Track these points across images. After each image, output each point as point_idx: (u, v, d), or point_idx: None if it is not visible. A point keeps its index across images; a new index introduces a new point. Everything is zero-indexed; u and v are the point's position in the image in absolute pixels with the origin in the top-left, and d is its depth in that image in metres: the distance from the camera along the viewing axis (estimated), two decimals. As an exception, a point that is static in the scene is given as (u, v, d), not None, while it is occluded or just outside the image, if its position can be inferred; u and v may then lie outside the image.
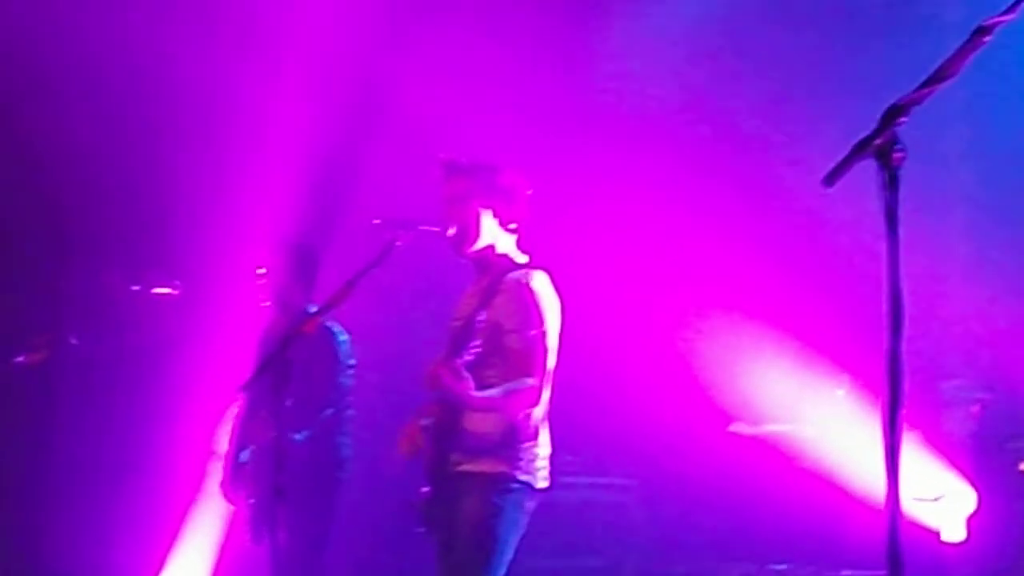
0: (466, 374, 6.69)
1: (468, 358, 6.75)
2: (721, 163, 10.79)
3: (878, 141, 4.03)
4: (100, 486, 9.95)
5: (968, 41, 4.22)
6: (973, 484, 9.02)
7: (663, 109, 10.94)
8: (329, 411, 8.84)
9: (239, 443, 8.78)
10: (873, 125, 4.04)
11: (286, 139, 10.20)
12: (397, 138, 10.78)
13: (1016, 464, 8.74)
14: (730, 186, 10.59)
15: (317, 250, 9.17)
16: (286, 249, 9.00)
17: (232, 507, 8.88)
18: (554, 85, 10.91)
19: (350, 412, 9.03)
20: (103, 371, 10.68)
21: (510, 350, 6.83)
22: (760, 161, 10.42)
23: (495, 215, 7.11)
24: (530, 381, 6.82)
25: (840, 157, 4.02)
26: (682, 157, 10.79)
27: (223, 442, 8.97)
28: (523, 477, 6.91)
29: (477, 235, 7.10)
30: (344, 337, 8.95)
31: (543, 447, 7.03)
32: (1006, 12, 4.27)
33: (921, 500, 9.11)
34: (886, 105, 4.04)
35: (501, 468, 6.90)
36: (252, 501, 8.68)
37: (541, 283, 6.96)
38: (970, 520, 8.95)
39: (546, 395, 6.97)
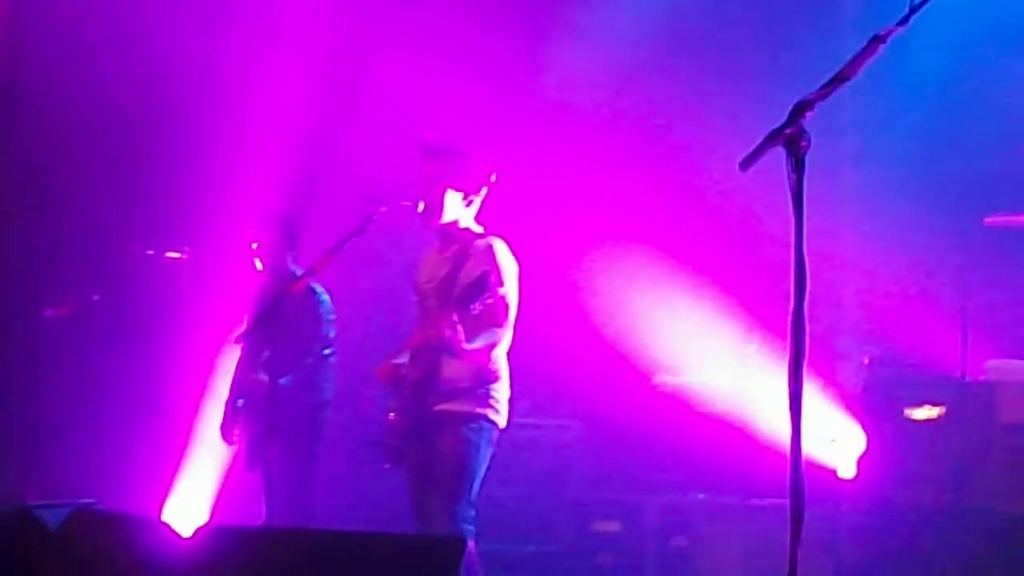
0: (460, 327, 6.77)
1: (475, 312, 6.78)
2: (652, 153, 10.79)
3: (788, 131, 4.13)
4: (117, 422, 9.89)
5: (865, 48, 4.31)
6: (863, 428, 9.08)
7: (600, 105, 10.93)
8: (310, 360, 8.85)
9: (236, 388, 8.87)
10: (783, 118, 4.07)
11: (275, 123, 10.16)
12: (371, 120, 10.67)
13: (900, 410, 8.78)
14: (660, 172, 10.64)
15: (300, 221, 9.17)
16: (275, 222, 9.07)
17: (229, 444, 8.88)
18: (510, 84, 10.87)
19: (332, 360, 9.05)
20: (121, 324, 10.55)
21: (478, 299, 6.80)
22: (684, 150, 10.43)
23: (460, 193, 7.20)
24: (499, 332, 7.00)
25: (754, 145, 4.12)
26: (619, 146, 10.81)
27: (222, 387, 9.00)
28: (492, 416, 7.10)
29: (443, 211, 7.18)
30: (325, 296, 9.03)
31: (505, 391, 7.16)
32: (899, 24, 4.36)
33: (819, 440, 9.17)
34: (794, 100, 4.08)
35: (474, 408, 7.03)
36: (247, 436, 8.70)
37: (502, 249, 7.15)
38: (860, 459, 9.00)
39: (507, 344, 7.09)
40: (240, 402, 8.80)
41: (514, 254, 7.22)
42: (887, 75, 8.49)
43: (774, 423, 8.37)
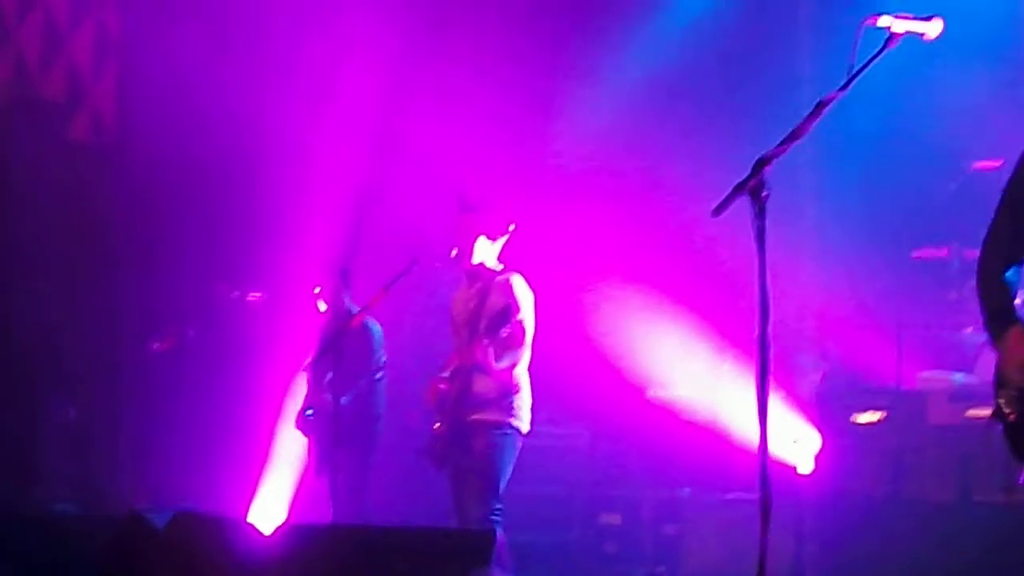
0: (490, 351, 6.87)
1: (503, 336, 6.87)
2: (641, 204, 10.73)
3: (751, 183, 4.14)
4: (209, 438, 9.90)
5: (812, 111, 4.33)
6: (818, 430, 9.05)
7: (598, 166, 10.90)
8: (365, 381, 8.81)
9: (306, 404, 8.85)
10: (747, 170, 4.10)
11: (333, 188, 10.16)
12: (412, 184, 10.59)
13: (848, 416, 8.76)
14: (648, 221, 10.55)
15: (354, 268, 9.15)
16: (334, 270, 9.05)
17: (303, 445, 8.90)
18: (524, 147, 10.87)
19: (382, 381, 9.01)
20: (212, 354, 10.62)
21: (504, 330, 6.94)
22: (667, 202, 10.39)
23: (487, 239, 7.23)
24: (519, 352, 7.04)
25: (724, 195, 4.14)
26: (614, 199, 10.76)
27: (296, 403, 8.99)
28: (515, 423, 7.10)
29: (473, 255, 7.22)
30: (378, 328, 8.99)
31: (527, 400, 7.15)
32: (840, 90, 4.38)
33: (782, 442, 9.14)
34: (756, 156, 4.11)
35: (501, 417, 7.04)
36: (315, 447, 8.72)
37: (519, 283, 7.18)
38: (816, 456, 8.97)
39: (526, 362, 7.11)
40: (309, 412, 8.79)
41: (531, 287, 7.22)
42: (832, 132, 8.48)
43: (745, 428, 8.47)
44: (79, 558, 6.61)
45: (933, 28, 4.52)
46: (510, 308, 6.95)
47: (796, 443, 9.12)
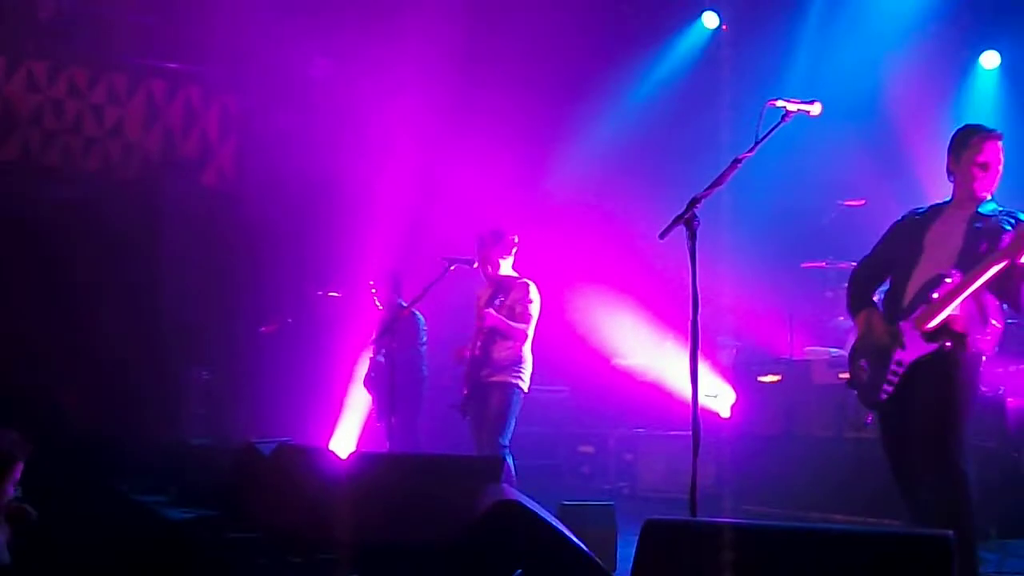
0: (502, 316, 6.84)
1: (515, 314, 6.85)
2: (610, 227, 10.76)
3: (686, 216, 4.19)
4: (302, 392, 9.75)
5: (730, 165, 4.37)
6: (734, 388, 9.06)
7: (579, 199, 10.94)
8: (412, 354, 8.67)
9: (371, 370, 8.71)
10: (683, 206, 4.17)
11: (389, 211, 10.13)
12: (447, 207, 10.60)
13: (755, 377, 8.77)
14: (615, 239, 10.58)
15: (404, 272, 9.05)
16: (387, 273, 8.96)
17: (369, 398, 8.78)
18: (524, 188, 10.90)
19: (425, 352, 8.84)
20: (305, 335, 10.60)
21: (516, 313, 6.88)
22: (628, 227, 10.40)
23: (503, 256, 7.12)
24: (526, 328, 6.94)
25: (667, 223, 4.19)
26: (590, 224, 10.80)
27: (363, 369, 8.88)
28: (520, 384, 6.96)
29: (496, 270, 7.12)
30: (422, 317, 8.87)
31: (528, 369, 7.02)
32: (749, 151, 4.41)
33: (707, 396, 9.15)
34: (690, 196, 4.22)
35: (510, 379, 6.91)
36: (377, 400, 8.59)
37: (532, 285, 7.05)
38: (732, 406, 8.98)
39: (530, 341, 6.99)
40: (372, 374, 8.60)
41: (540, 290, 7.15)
42: (744, 180, 8.48)
43: (681, 385, 8.42)
44: (211, 474, 6.66)
45: (815, 109, 4.62)
46: (522, 297, 6.89)
47: (717, 397, 9.15)
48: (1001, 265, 4.41)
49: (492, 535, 3.11)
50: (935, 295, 4.55)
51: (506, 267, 7.17)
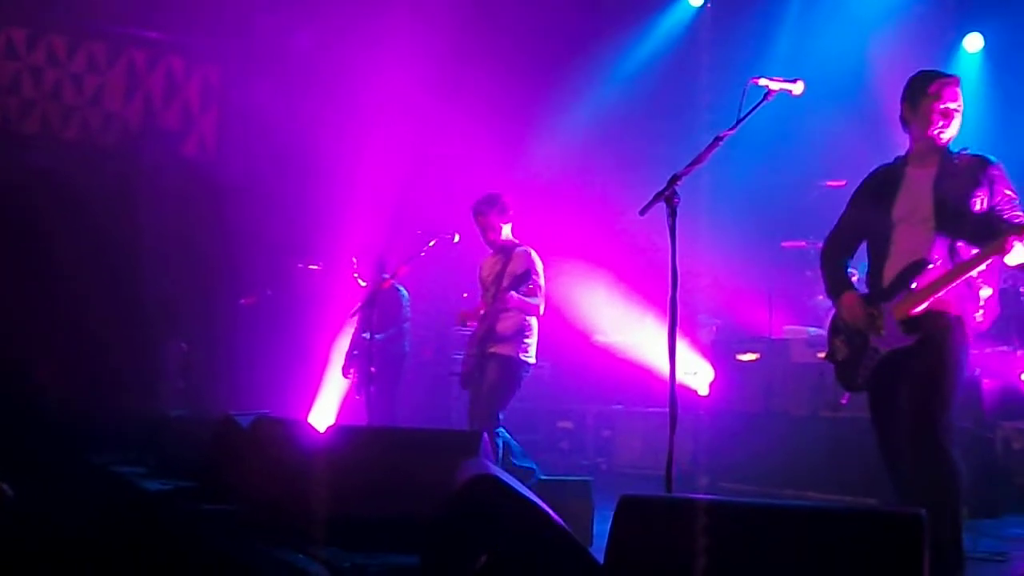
0: (516, 297, 6.68)
1: (525, 291, 6.68)
2: (592, 203, 10.80)
3: (666, 193, 4.18)
4: (282, 365, 9.76)
5: (711, 144, 4.35)
6: (713, 365, 9.11)
7: (563, 176, 10.94)
8: (394, 329, 8.65)
9: (352, 344, 8.75)
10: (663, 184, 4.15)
11: (374, 187, 10.05)
12: (431, 185, 10.66)
13: (734, 355, 8.81)
14: (597, 216, 10.62)
15: (386, 248, 9.02)
16: (370, 251, 8.91)
17: (347, 376, 8.75)
18: (515, 163, 10.88)
19: (407, 328, 8.83)
20: (285, 307, 10.58)
21: (526, 287, 6.72)
22: (609, 203, 10.44)
23: (504, 221, 7.00)
24: (537, 300, 6.80)
25: (647, 201, 4.17)
26: (573, 200, 10.81)
27: (344, 343, 8.91)
28: (524, 357, 6.81)
29: (498, 235, 6.99)
30: (405, 292, 8.86)
31: (535, 337, 6.87)
32: (731, 129, 4.39)
33: (686, 373, 9.20)
34: (670, 174, 4.19)
35: (513, 351, 6.76)
36: (357, 373, 8.58)
37: (533, 253, 6.90)
38: (711, 384, 9.03)
39: (542, 310, 6.84)
40: (355, 352, 8.65)
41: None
42: (725, 158, 8.50)
43: (660, 363, 8.45)
44: (189, 446, 6.64)
45: (797, 87, 4.55)
46: (529, 271, 6.72)
47: (696, 374, 9.19)
48: (989, 261, 4.32)
49: (468, 509, 3.11)
50: (915, 285, 4.45)
51: (507, 232, 7.04)
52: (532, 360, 6.86)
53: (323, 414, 9.45)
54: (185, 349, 10.26)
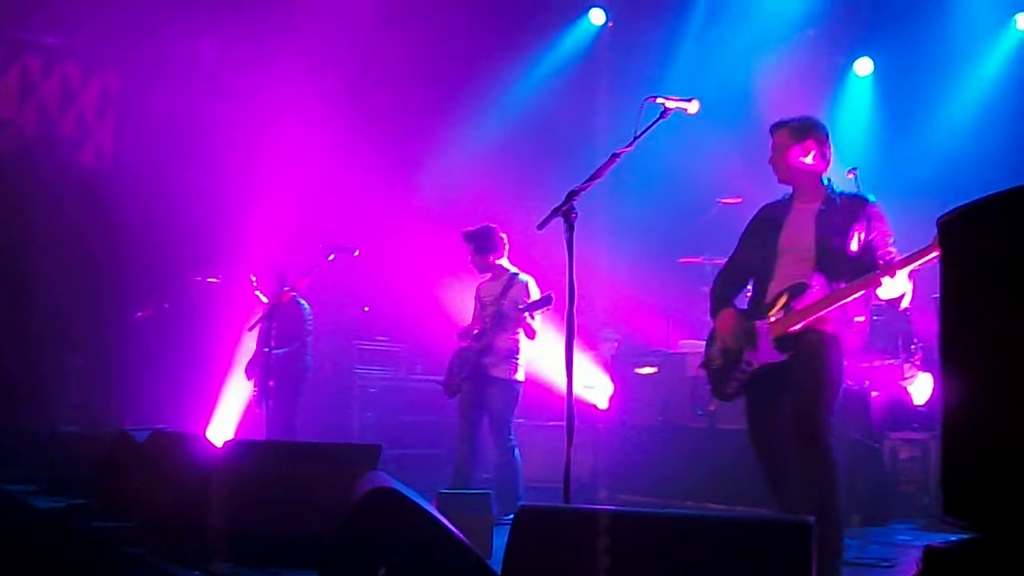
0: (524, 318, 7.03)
1: (531, 319, 6.97)
2: (493, 221, 10.79)
3: (564, 208, 4.25)
4: (179, 379, 9.61)
5: (608, 160, 4.43)
6: (612, 379, 9.17)
7: (461, 195, 10.93)
8: (297, 343, 8.60)
9: (252, 358, 8.67)
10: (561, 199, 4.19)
11: (274, 203, 10.03)
12: (334, 202, 10.51)
13: (632, 369, 8.89)
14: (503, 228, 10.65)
15: (285, 263, 8.95)
16: (270, 266, 8.83)
17: (249, 383, 8.67)
18: (416, 179, 10.87)
19: (311, 341, 8.82)
20: (182, 320, 10.42)
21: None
22: (507, 220, 10.47)
23: (501, 256, 7.44)
24: (535, 324, 7.07)
25: (546, 215, 4.22)
26: (468, 216, 10.76)
27: (244, 356, 8.83)
28: (517, 376, 7.21)
29: (486, 263, 7.42)
30: (305, 304, 8.80)
31: (525, 356, 7.29)
32: (627, 146, 4.48)
33: (585, 387, 9.24)
34: (569, 189, 4.24)
35: (508, 373, 7.15)
36: (257, 386, 8.51)
37: (533, 285, 7.31)
38: (610, 398, 9.09)
39: (538, 332, 7.15)
40: (255, 363, 8.54)
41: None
42: (622, 174, 8.60)
43: (558, 377, 8.51)
44: (83, 463, 6.48)
45: (693, 107, 4.65)
46: (536, 303, 7.03)
47: (595, 388, 9.25)
48: (862, 292, 4.55)
49: (366, 522, 3.09)
50: (795, 305, 4.65)
51: (504, 263, 7.44)
52: (523, 378, 7.30)
53: (222, 428, 9.33)
54: (80, 363, 10.02)
